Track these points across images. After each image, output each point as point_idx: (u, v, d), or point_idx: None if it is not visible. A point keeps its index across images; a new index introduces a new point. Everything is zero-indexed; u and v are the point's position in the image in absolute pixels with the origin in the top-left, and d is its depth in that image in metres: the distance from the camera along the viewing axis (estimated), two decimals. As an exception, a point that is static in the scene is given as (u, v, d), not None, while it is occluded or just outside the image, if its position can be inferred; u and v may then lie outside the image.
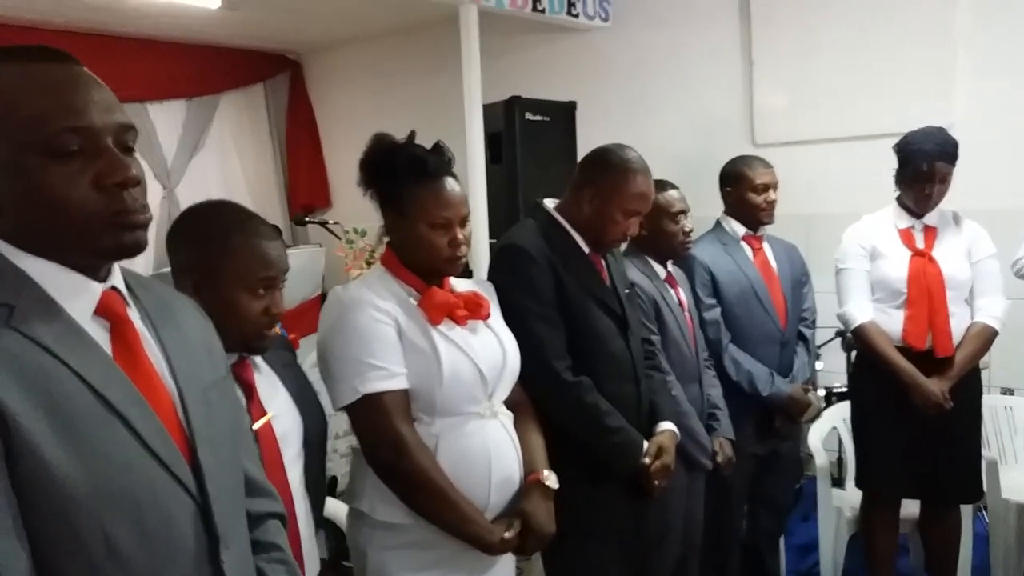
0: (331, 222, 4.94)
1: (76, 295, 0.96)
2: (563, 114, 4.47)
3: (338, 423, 3.78)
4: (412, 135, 1.77)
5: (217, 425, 1.07)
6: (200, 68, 5.75)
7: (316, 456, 1.64)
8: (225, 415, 1.11)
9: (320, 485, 1.67)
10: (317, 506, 1.64)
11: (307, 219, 5.40)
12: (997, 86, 3.60)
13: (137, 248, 0.98)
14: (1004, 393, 3.38)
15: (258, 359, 1.56)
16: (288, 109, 6.44)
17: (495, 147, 4.21)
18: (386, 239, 1.82)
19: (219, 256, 1.44)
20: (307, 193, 6.31)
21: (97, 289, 0.98)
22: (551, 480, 1.78)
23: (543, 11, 4.32)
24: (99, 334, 0.97)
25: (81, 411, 0.89)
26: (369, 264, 4.37)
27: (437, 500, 1.62)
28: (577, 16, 4.53)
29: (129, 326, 1.00)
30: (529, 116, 4.25)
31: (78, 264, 0.96)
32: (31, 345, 0.89)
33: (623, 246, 2.36)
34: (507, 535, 1.67)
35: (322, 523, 1.69)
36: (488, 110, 4.11)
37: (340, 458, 3.64)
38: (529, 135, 4.25)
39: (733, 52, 4.31)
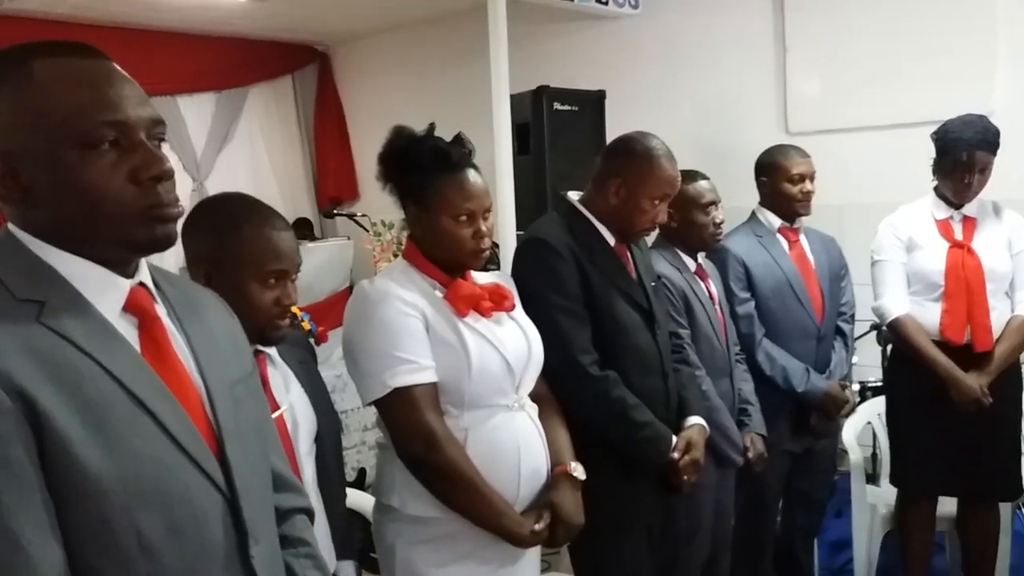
0: (359, 215, 4.93)
1: (105, 291, 0.96)
2: (592, 103, 4.41)
3: (367, 415, 3.80)
4: (432, 127, 1.75)
5: (244, 421, 1.07)
6: (229, 61, 5.79)
7: (330, 456, 1.64)
8: (252, 411, 1.11)
9: (335, 485, 1.67)
10: (333, 505, 1.63)
11: (335, 211, 5.41)
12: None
13: (168, 242, 0.98)
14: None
15: (273, 354, 1.56)
16: (316, 101, 6.45)
17: (523, 138, 4.17)
18: (407, 233, 1.80)
19: (229, 246, 1.44)
20: (335, 185, 6.32)
21: (125, 285, 0.98)
22: (578, 471, 1.77)
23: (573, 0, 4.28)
24: (127, 330, 0.97)
25: (112, 407, 0.89)
26: (396, 257, 4.37)
27: (469, 493, 1.62)
28: (607, 3, 4.47)
29: (157, 322, 1.00)
30: (557, 106, 4.20)
31: (107, 260, 0.96)
32: (61, 341, 0.89)
33: (651, 238, 2.33)
34: (537, 527, 1.67)
35: (341, 520, 1.68)
36: (516, 100, 4.07)
37: (368, 450, 3.66)
38: (557, 125, 4.21)
39: (766, 38, 4.24)
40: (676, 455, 2.02)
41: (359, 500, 2.18)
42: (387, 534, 1.73)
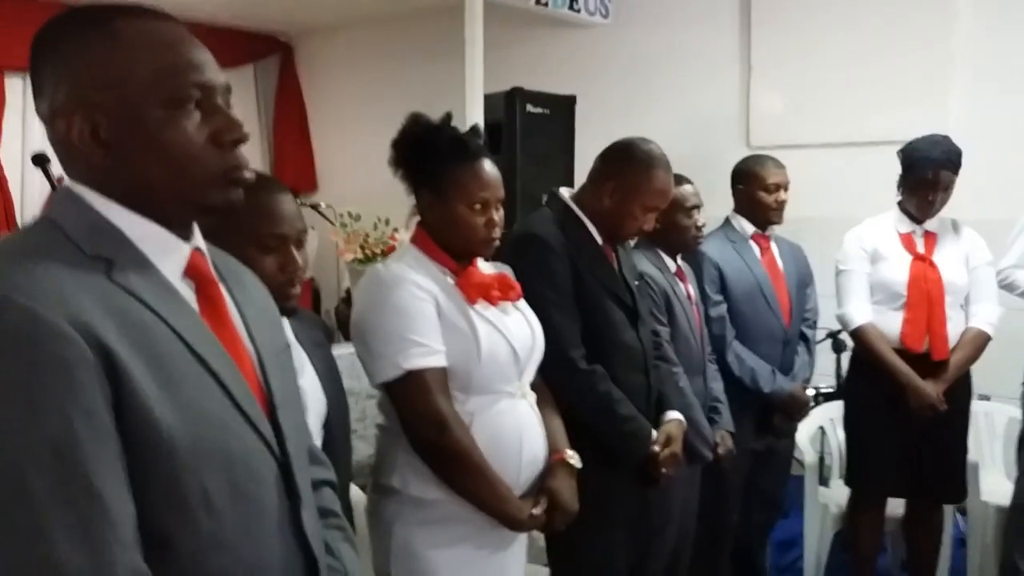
0: (324, 205, 4.89)
1: (167, 254, 0.96)
2: (563, 108, 4.50)
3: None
4: (448, 116, 1.78)
5: (289, 389, 1.08)
6: (189, 46, 5.66)
7: (338, 442, 1.63)
8: (292, 382, 1.13)
9: (342, 473, 1.64)
10: (341, 491, 1.62)
11: (301, 202, 5.35)
12: (992, 98, 3.70)
13: (237, 206, 0.99)
14: (981, 399, 3.48)
15: (288, 333, 1.55)
16: (277, 91, 6.37)
17: (495, 137, 4.21)
18: (416, 219, 1.83)
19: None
20: (293, 176, 6.22)
21: (186, 249, 0.99)
22: (575, 459, 1.82)
23: (546, 4, 4.35)
24: (186, 293, 0.98)
25: (181, 367, 0.90)
26: (363, 248, 4.35)
27: (475, 477, 1.65)
28: (579, 11, 4.56)
29: (215, 287, 1.01)
30: (530, 108, 4.27)
31: (171, 222, 0.97)
32: (131, 299, 0.89)
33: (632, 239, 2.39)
34: (535, 511, 1.70)
35: (347, 510, 1.67)
36: (488, 100, 4.12)
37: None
38: (529, 127, 4.27)
39: (732, 54, 4.38)
40: (656, 448, 2.08)
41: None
42: (385, 514, 1.74)
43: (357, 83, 5.88)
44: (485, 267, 1.85)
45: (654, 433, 2.12)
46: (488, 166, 1.74)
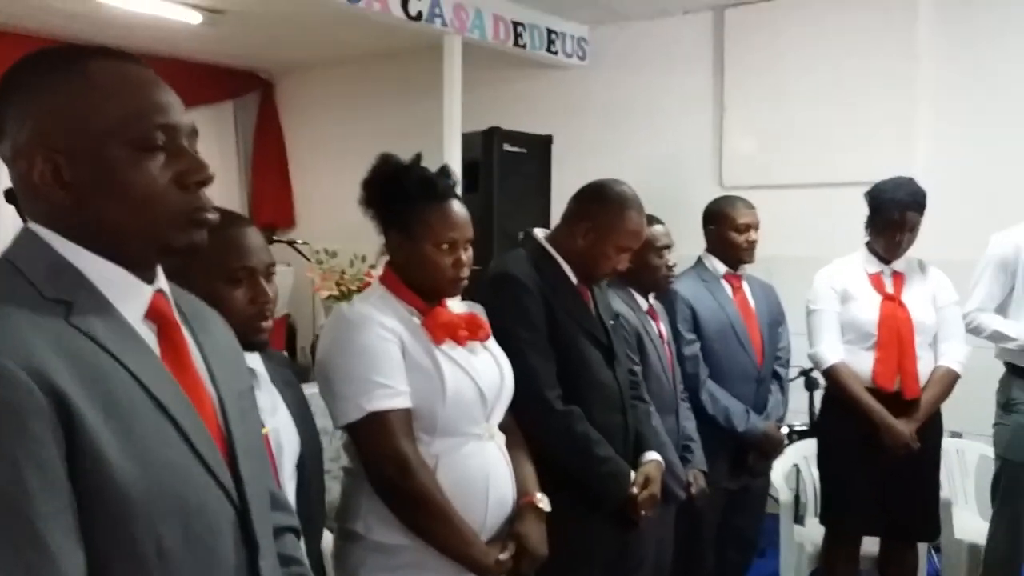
0: (300, 242, 4.90)
1: (128, 296, 0.95)
2: (539, 147, 4.55)
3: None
4: (418, 157, 1.79)
5: (251, 434, 1.07)
6: (171, 82, 5.59)
7: (313, 481, 1.61)
8: (254, 425, 1.12)
9: (316, 513, 1.62)
10: (312, 535, 1.59)
11: (275, 238, 5.35)
12: (955, 140, 3.80)
13: (201, 248, 0.99)
14: (953, 436, 3.51)
15: (260, 372, 1.54)
16: (256, 128, 6.43)
17: (472, 176, 4.26)
18: (385, 258, 1.83)
19: None
20: (271, 213, 6.26)
21: (148, 291, 0.97)
22: (544, 503, 1.80)
23: (524, 46, 4.42)
24: (147, 336, 0.97)
25: (138, 413, 0.88)
26: (339, 286, 4.34)
27: (439, 521, 1.62)
28: (556, 53, 4.64)
29: (177, 330, 1.00)
30: (507, 147, 4.32)
31: (133, 263, 0.96)
32: (90, 343, 0.88)
33: None
34: (502, 556, 1.68)
35: (317, 551, 1.64)
36: (466, 139, 4.17)
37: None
38: (506, 166, 4.32)
39: (705, 97, 4.46)
40: (635, 490, 2.07)
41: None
42: (349, 560, 1.71)
43: (336, 121, 5.92)
44: (456, 306, 1.85)
45: (632, 474, 2.11)
46: (457, 206, 1.75)
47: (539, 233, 2.21)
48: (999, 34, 3.79)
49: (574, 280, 2.14)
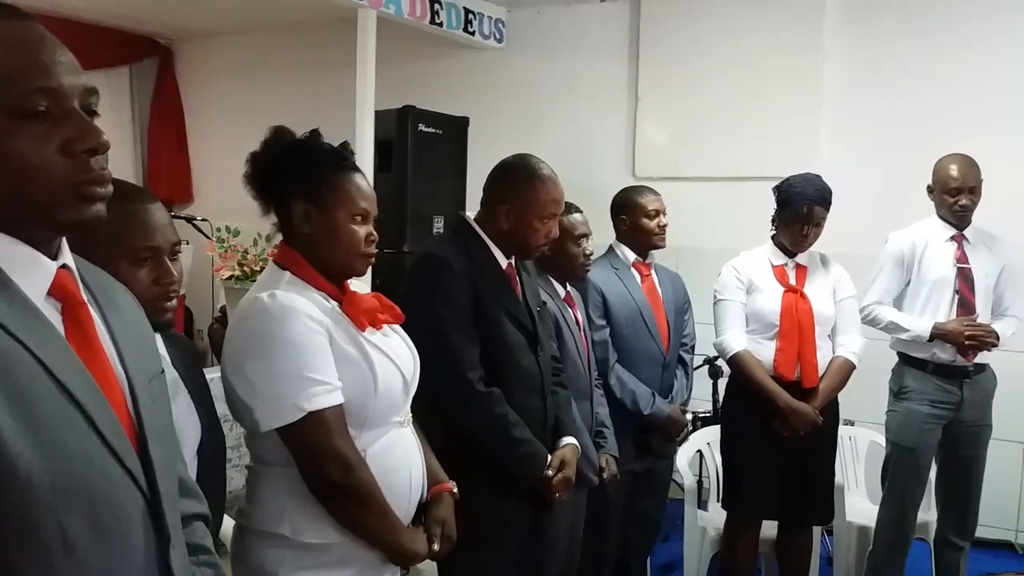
0: (199, 218, 4.67)
1: (29, 272, 0.88)
2: (456, 128, 4.49)
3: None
4: (316, 132, 1.69)
5: (161, 419, 1.01)
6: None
7: (215, 470, 1.54)
8: (164, 410, 1.06)
9: (215, 502, 1.55)
10: (214, 521, 1.53)
11: (174, 214, 5.09)
12: (856, 140, 3.96)
13: (98, 223, 0.91)
14: (846, 424, 3.68)
15: (163, 352, 1.46)
16: (154, 96, 6.11)
17: (385, 155, 4.17)
18: (279, 237, 1.72)
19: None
20: (167, 186, 5.98)
21: (51, 267, 0.90)
22: (455, 488, 1.78)
23: (440, 24, 4.35)
24: (51, 315, 0.89)
25: (41, 398, 0.82)
26: (241, 265, 4.18)
27: (377, 515, 1.57)
28: (473, 34, 4.59)
29: (84, 308, 0.93)
30: (422, 127, 4.25)
31: (32, 238, 0.88)
32: None
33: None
34: (436, 547, 1.66)
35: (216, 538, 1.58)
36: (380, 117, 4.07)
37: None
38: (421, 146, 4.25)
39: (620, 86, 4.50)
40: (550, 472, 2.08)
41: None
42: (266, 562, 1.59)
43: (241, 92, 5.68)
44: (359, 287, 1.76)
45: (549, 457, 2.12)
46: (364, 180, 1.67)
47: (469, 215, 2.19)
48: (900, 36, 3.96)
49: (503, 263, 2.15)
